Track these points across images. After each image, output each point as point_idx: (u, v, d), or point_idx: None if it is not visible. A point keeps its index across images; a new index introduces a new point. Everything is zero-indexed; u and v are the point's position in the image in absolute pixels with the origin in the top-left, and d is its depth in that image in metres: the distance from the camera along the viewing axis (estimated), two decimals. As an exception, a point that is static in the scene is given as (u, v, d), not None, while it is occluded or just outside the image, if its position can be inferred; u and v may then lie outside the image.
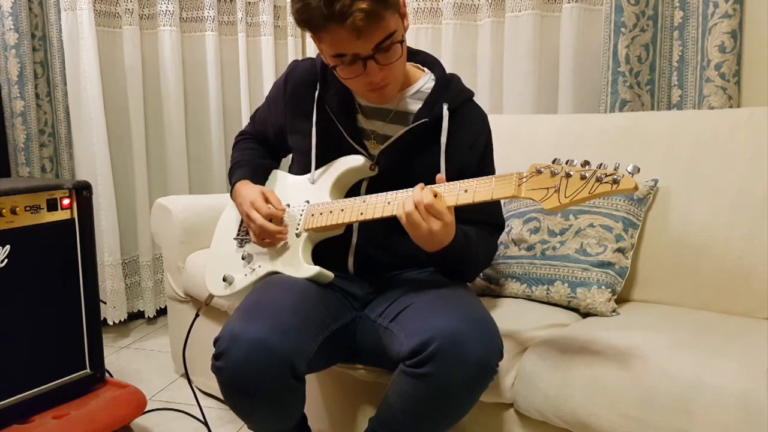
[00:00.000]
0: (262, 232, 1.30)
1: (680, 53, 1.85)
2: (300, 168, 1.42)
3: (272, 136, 1.50)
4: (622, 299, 1.54)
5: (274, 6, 2.65)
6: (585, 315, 1.46)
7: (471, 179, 1.13)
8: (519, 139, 1.85)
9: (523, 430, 1.28)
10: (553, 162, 1.05)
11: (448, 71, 1.37)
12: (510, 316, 1.41)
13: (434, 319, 1.10)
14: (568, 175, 1.02)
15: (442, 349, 1.05)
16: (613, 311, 1.43)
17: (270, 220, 1.31)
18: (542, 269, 1.51)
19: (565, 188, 1.01)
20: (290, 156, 1.52)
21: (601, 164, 1.01)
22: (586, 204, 1.54)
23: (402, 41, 1.19)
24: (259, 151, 1.53)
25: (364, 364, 1.38)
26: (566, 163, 1.04)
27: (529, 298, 1.53)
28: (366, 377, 1.39)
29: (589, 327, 1.34)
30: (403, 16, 1.22)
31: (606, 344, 1.21)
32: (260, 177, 1.46)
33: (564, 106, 2.04)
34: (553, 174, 1.03)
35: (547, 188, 1.03)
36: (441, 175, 1.17)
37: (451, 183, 1.14)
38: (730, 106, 1.74)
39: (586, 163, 1.02)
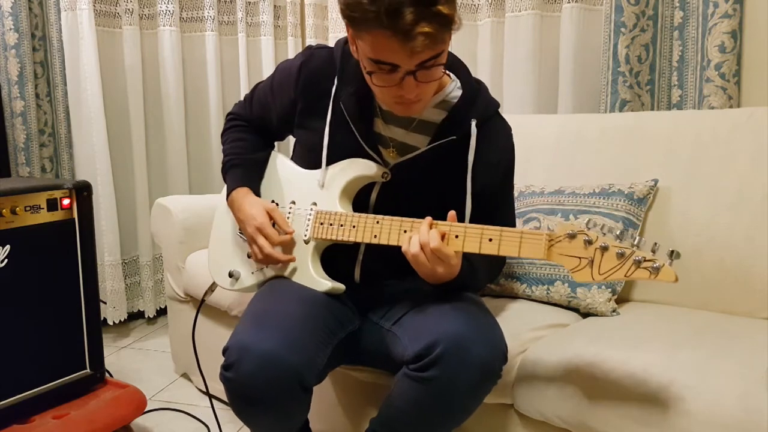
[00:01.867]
0: (269, 261, 1.27)
1: (680, 53, 1.85)
2: (305, 162, 1.34)
3: (275, 122, 1.39)
4: (622, 299, 1.54)
5: (274, 6, 2.65)
6: (585, 315, 1.46)
7: (496, 228, 1.08)
8: (519, 139, 1.82)
9: (523, 430, 1.28)
10: (586, 225, 1.01)
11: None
12: (510, 316, 1.41)
13: (438, 323, 1.09)
14: (603, 249, 0.98)
15: (447, 353, 1.04)
16: (613, 311, 1.43)
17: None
18: (542, 269, 1.51)
19: (599, 263, 0.98)
20: (289, 141, 1.45)
21: (636, 240, 0.96)
22: (585, 204, 1.54)
23: (444, 62, 1.10)
24: (252, 141, 1.43)
25: (366, 366, 1.38)
26: (600, 230, 0.99)
27: (529, 298, 1.53)
28: (368, 379, 1.40)
29: (589, 327, 1.34)
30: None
31: (606, 344, 1.21)
32: (256, 178, 1.39)
33: (564, 106, 2.04)
34: (588, 243, 0.99)
35: (580, 258, 1.00)
36: (453, 213, 1.12)
37: (474, 227, 1.09)
38: (730, 106, 1.73)
39: (621, 234, 0.98)
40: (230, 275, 1.36)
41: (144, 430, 1.77)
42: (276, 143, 1.50)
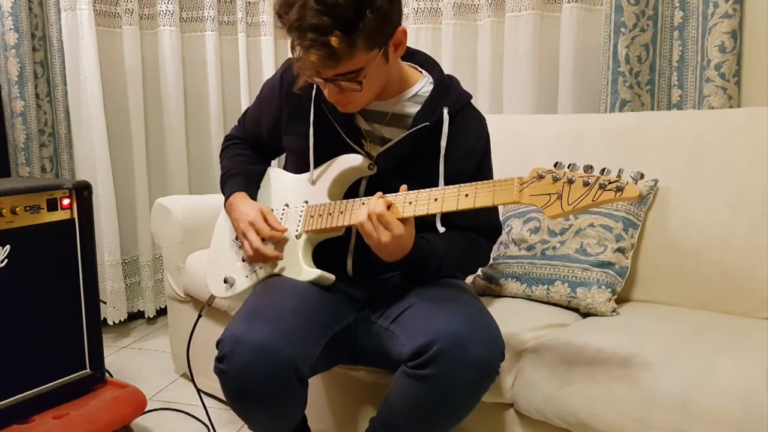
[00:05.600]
0: (258, 255, 1.29)
1: (680, 53, 1.85)
2: (296, 168, 1.40)
3: (266, 136, 1.46)
4: (622, 299, 1.54)
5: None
6: (585, 315, 1.46)
7: (471, 183, 1.11)
8: (519, 139, 1.84)
9: (523, 430, 1.28)
10: (555, 166, 1.04)
11: (448, 71, 1.37)
12: (510, 316, 1.41)
13: (436, 321, 1.10)
14: (570, 181, 1.00)
15: (445, 351, 1.05)
16: (613, 311, 1.43)
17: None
18: (542, 269, 1.51)
19: (567, 195, 1.00)
20: (282, 156, 1.50)
21: (604, 169, 0.99)
22: (586, 204, 1.54)
23: (362, 80, 1.15)
24: (249, 156, 1.50)
25: (365, 365, 1.38)
26: (568, 168, 1.02)
27: (529, 298, 1.53)
28: (367, 378, 1.40)
29: (589, 327, 1.34)
30: (396, 45, 1.18)
31: (606, 344, 1.21)
32: (254, 186, 1.43)
33: (564, 106, 2.04)
34: (555, 179, 1.02)
35: (549, 194, 1.02)
36: (404, 186, 1.17)
37: (452, 187, 1.13)
38: (730, 106, 1.73)
39: (588, 167, 1.00)
40: (225, 281, 1.37)
41: (144, 430, 1.77)
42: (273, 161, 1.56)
